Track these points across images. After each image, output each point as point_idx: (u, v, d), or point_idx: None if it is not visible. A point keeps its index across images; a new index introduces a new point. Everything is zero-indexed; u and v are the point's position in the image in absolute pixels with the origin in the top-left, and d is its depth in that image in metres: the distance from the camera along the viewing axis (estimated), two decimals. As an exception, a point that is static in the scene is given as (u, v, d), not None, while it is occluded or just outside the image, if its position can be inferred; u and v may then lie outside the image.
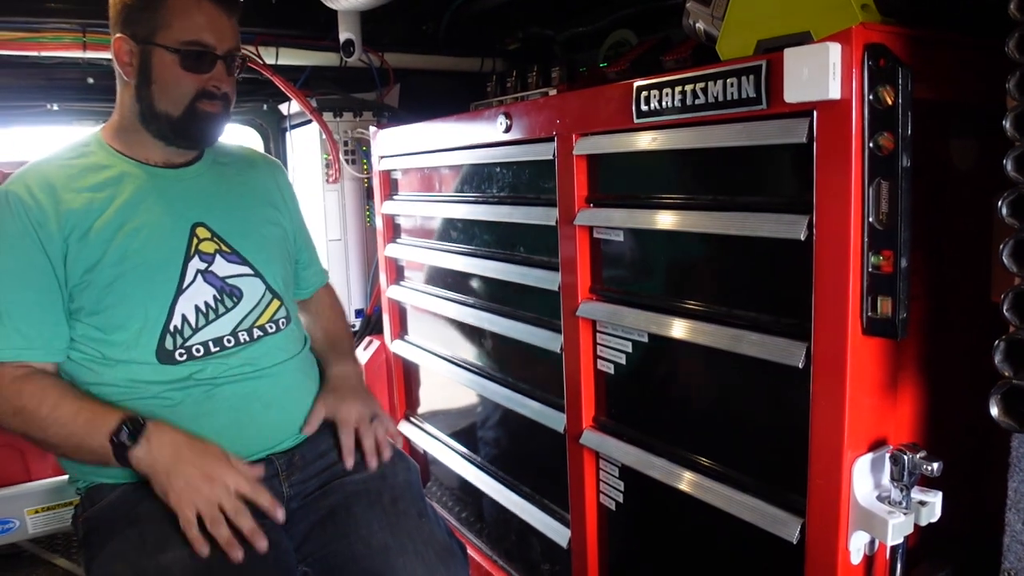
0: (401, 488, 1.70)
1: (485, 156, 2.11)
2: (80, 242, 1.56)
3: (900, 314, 1.16)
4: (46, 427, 1.49)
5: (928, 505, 1.25)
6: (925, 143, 1.16)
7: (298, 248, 1.98)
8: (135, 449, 1.46)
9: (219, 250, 1.69)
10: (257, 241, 1.77)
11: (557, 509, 2.06)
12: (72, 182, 1.61)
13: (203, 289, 1.65)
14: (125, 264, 1.58)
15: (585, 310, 1.79)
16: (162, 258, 1.62)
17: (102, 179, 1.64)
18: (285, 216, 1.92)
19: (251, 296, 1.71)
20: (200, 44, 1.60)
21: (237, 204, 1.79)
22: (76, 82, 3.08)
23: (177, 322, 1.61)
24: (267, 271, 1.76)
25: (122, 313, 1.58)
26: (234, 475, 1.48)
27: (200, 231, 1.69)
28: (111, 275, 1.57)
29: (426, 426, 2.79)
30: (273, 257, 1.80)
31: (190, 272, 1.64)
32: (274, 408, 1.69)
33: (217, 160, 1.83)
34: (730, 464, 1.51)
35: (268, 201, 1.89)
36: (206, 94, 1.64)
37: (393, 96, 3.28)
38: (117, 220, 1.60)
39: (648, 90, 1.50)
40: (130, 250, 1.59)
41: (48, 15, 2.60)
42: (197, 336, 1.63)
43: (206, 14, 1.61)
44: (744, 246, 1.40)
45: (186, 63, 1.60)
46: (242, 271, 1.71)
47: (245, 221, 1.78)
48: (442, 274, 2.49)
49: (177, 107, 1.63)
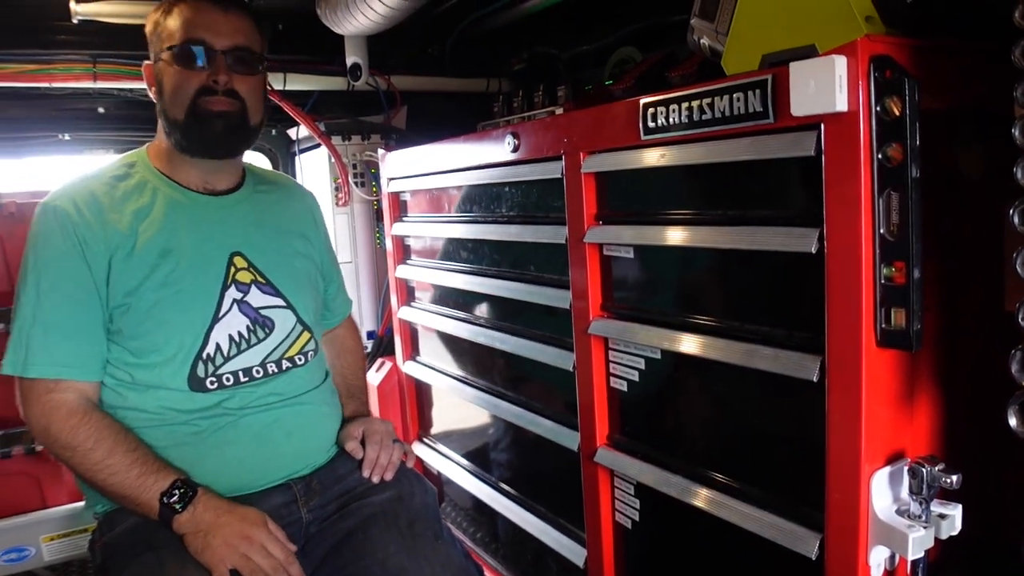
0: (418, 510, 1.70)
1: (493, 176, 2.11)
2: (123, 263, 1.57)
3: (914, 325, 1.15)
4: (97, 471, 1.50)
5: (948, 518, 1.23)
6: (934, 153, 1.16)
7: (327, 279, 1.99)
8: (182, 514, 1.48)
9: (255, 280, 1.71)
10: (290, 273, 1.78)
11: (573, 528, 2.04)
12: (117, 203, 1.62)
13: (238, 319, 1.66)
14: (166, 290, 1.59)
15: (597, 328, 1.78)
16: (201, 286, 1.64)
17: (146, 202, 1.65)
18: (316, 247, 1.93)
19: (282, 328, 1.72)
20: (192, 40, 1.61)
21: (273, 235, 1.80)
22: (87, 112, 3.12)
23: (211, 350, 1.62)
24: (299, 303, 1.77)
25: (159, 338, 1.59)
26: (272, 541, 1.49)
27: (238, 260, 1.70)
28: (152, 299, 1.58)
29: (439, 447, 2.78)
30: (304, 289, 1.81)
31: (226, 301, 1.65)
32: (296, 436, 1.70)
33: (257, 189, 1.84)
34: (746, 480, 1.49)
35: (301, 233, 1.90)
36: (206, 91, 1.62)
37: (401, 118, 3.30)
38: (160, 244, 1.61)
39: (655, 107, 1.50)
40: (172, 276, 1.60)
41: (59, 47, 2.64)
42: (228, 365, 1.64)
43: (198, 12, 1.63)
44: (755, 260, 1.40)
45: (179, 60, 1.62)
46: (275, 302, 1.73)
47: (279, 252, 1.79)
48: (453, 294, 2.49)
49: (181, 110, 1.63)
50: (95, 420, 1.53)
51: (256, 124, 1.73)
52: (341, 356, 2.06)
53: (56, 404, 1.52)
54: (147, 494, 1.49)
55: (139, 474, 1.49)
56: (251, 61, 1.69)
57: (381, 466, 1.75)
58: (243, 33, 1.67)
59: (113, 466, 1.50)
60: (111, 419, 1.56)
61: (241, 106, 1.67)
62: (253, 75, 1.70)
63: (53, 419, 1.52)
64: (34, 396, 1.53)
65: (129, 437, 1.54)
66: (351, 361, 2.09)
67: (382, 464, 1.76)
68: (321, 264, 1.94)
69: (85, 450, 1.50)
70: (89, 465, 1.50)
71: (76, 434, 1.51)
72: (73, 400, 1.54)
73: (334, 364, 2.01)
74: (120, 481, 1.49)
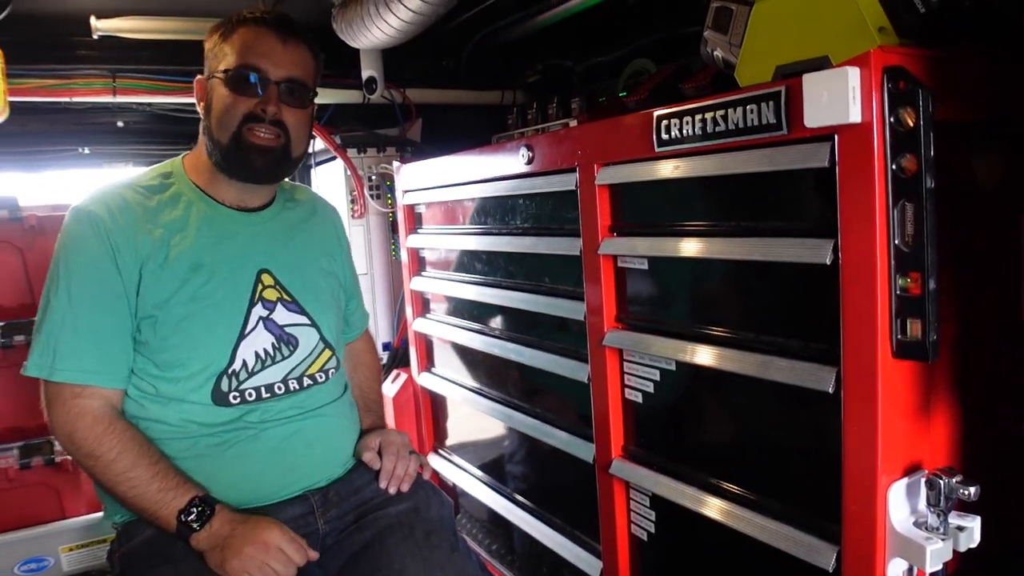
0: (434, 522, 1.71)
1: (508, 188, 2.12)
2: (154, 274, 1.58)
3: (930, 336, 1.14)
4: (118, 482, 1.51)
5: (967, 530, 1.22)
6: (949, 162, 1.16)
7: (348, 295, 2.00)
8: (200, 532, 1.49)
9: (280, 298, 1.71)
10: (314, 291, 1.79)
11: (588, 540, 2.04)
12: (151, 214, 1.63)
13: (263, 336, 1.67)
14: (195, 304, 1.60)
15: (611, 339, 1.79)
16: (229, 302, 1.65)
17: (180, 214, 1.66)
18: (339, 265, 1.94)
19: (306, 345, 1.73)
20: (247, 67, 1.62)
21: (299, 253, 1.81)
22: (107, 126, 3.16)
23: (236, 366, 1.63)
24: (322, 321, 1.78)
25: (185, 352, 1.59)
26: (288, 542, 1.50)
27: (265, 278, 1.71)
28: (181, 313, 1.59)
29: (455, 458, 2.78)
30: (328, 308, 1.82)
31: (253, 318, 1.66)
32: (315, 448, 1.71)
33: (285, 206, 1.85)
34: (762, 492, 1.49)
35: (326, 251, 1.91)
36: (253, 118, 1.62)
37: (416, 131, 3.32)
38: (191, 258, 1.62)
39: (668, 119, 1.51)
40: (202, 291, 1.61)
41: (79, 62, 2.68)
42: (251, 380, 1.64)
43: (259, 38, 1.64)
44: (769, 271, 1.40)
45: (231, 84, 1.62)
46: (300, 320, 1.74)
47: (305, 271, 1.80)
48: (467, 306, 2.50)
49: (226, 133, 1.63)
50: (119, 430, 1.54)
51: (299, 155, 1.73)
52: (358, 369, 2.07)
53: (82, 411, 1.53)
54: (166, 510, 1.50)
55: (159, 489, 1.50)
56: (302, 94, 1.69)
57: (398, 477, 1.76)
58: (299, 66, 1.68)
59: (135, 479, 1.51)
60: (135, 430, 1.57)
61: (286, 138, 1.67)
62: (303, 108, 1.71)
63: (78, 426, 1.53)
64: (60, 401, 1.54)
65: (152, 450, 1.55)
66: (367, 374, 2.10)
67: (399, 475, 1.76)
68: (344, 281, 1.96)
69: (108, 460, 1.51)
70: (111, 476, 1.52)
71: (100, 443, 1.52)
72: (99, 407, 1.55)
73: (351, 377, 2.01)
74: (140, 494, 1.51)
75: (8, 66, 2.38)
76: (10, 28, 2.25)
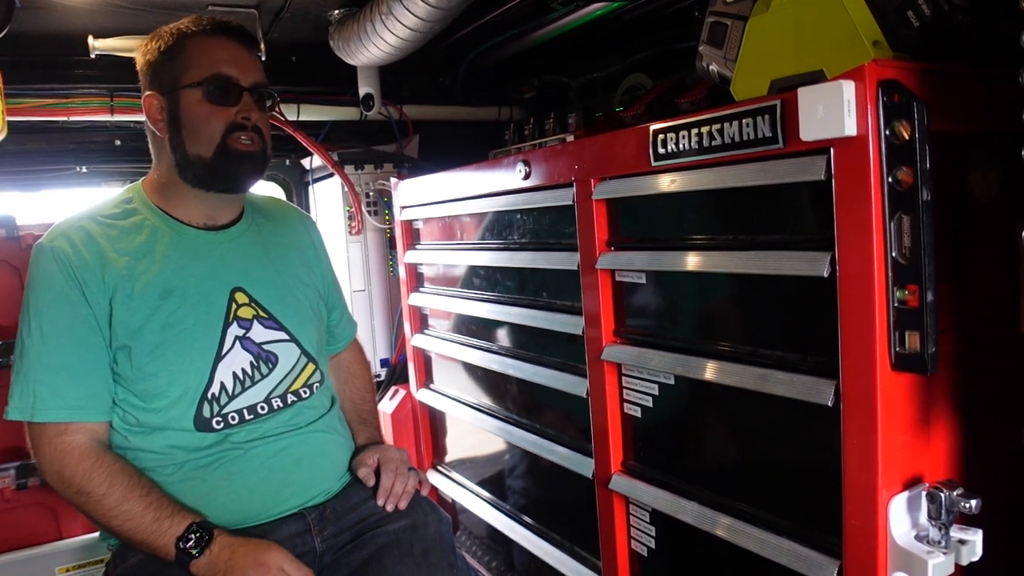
0: (432, 539, 1.69)
1: (505, 203, 2.13)
2: (124, 304, 1.56)
3: (929, 348, 1.14)
4: (111, 516, 1.50)
5: (968, 544, 1.22)
6: (945, 175, 1.16)
7: (330, 305, 1.97)
8: (200, 559, 1.47)
9: (256, 315, 1.69)
10: (292, 305, 1.77)
11: (588, 556, 2.03)
12: (115, 243, 1.60)
13: (240, 356, 1.65)
14: (168, 331, 1.58)
15: (610, 354, 1.78)
16: (203, 325, 1.62)
17: (144, 240, 1.63)
18: (317, 275, 1.91)
19: (286, 361, 1.71)
20: (223, 76, 1.61)
21: (273, 267, 1.78)
22: (104, 144, 3.16)
23: (215, 389, 1.61)
24: (302, 335, 1.75)
25: (163, 380, 1.57)
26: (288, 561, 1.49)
27: (239, 296, 1.68)
28: (154, 341, 1.57)
29: (454, 474, 2.77)
30: (307, 320, 1.79)
31: (228, 338, 1.64)
32: (305, 464, 1.69)
33: (255, 220, 1.82)
34: (762, 506, 1.48)
35: (302, 261, 1.88)
36: (237, 127, 1.62)
37: (413, 147, 3.33)
38: (159, 285, 1.60)
39: (665, 133, 1.51)
40: (173, 317, 1.59)
41: (76, 81, 2.69)
42: (233, 404, 1.63)
43: (225, 48, 1.64)
44: (767, 285, 1.40)
45: (211, 95, 1.61)
46: (278, 336, 1.71)
47: (281, 284, 1.77)
48: (466, 321, 2.50)
49: (209, 147, 1.61)
50: (107, 463, 1.52)
51: (270, 157, 1.73)
52: (349, 382, 2.05)
53: (67, 447, 1.52)
54: (163, 539, 1.48)
55: (154, 519, 1.49)
56: (268, 97, 1.71)
57: (396, 494, 1.74)
58: (260, 70, 1.70)
59: (128, 511, 1.49)
60: (123, 462, 1.55)
61: (263, 143, 1.67)
62: (269, 111, 1.72)
63: (66, 463, 1.51)
64: (44, 440, 1.53)
65: (142, 480, 1.54)
66: (359, 386, 2.07)
67: (396, 492, 1.75)
68: (323, 291, 1.92)
69: (99, 495, 1.50)
70: (104, 511, 1.50)
71: (90, 479, 1.50)
72: (84, 442, 1.53)
73: (342, 390, 2.00)
74: (135, 527, 1.49)
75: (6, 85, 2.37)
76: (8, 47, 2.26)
